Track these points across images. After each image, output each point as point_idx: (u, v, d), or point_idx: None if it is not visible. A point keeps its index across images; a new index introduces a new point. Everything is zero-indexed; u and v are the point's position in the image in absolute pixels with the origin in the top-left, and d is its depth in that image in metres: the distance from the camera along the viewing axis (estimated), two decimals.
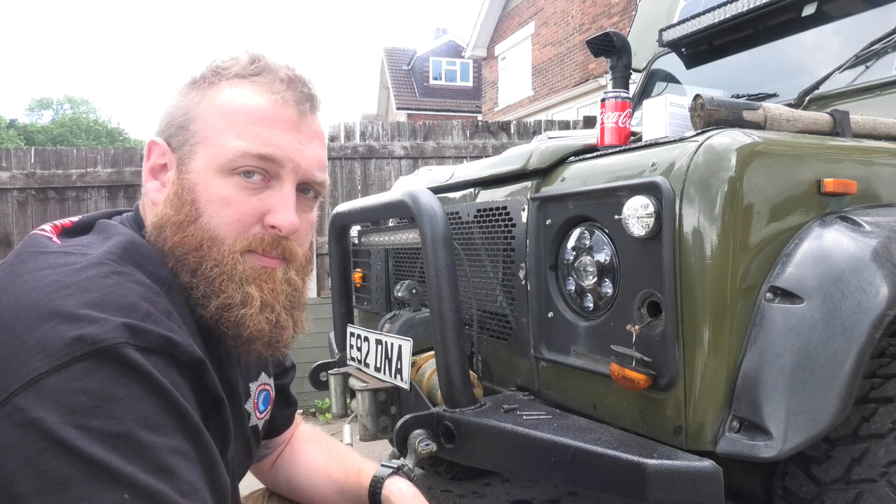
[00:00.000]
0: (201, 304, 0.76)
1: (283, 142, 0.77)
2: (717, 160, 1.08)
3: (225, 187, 0.75)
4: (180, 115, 0.79)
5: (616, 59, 1.97)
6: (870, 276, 1.05)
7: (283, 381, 1.07)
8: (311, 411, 3.93)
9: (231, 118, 0.76)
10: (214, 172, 0.76)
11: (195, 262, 0.75)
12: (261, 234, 0.77)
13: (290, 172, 0.78)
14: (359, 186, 4.75)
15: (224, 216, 0.76)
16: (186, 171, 0.77)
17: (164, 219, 0.76)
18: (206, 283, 0.75)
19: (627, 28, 2.91)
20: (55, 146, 15.29)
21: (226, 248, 0.76)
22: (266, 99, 0.77)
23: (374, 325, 1.85)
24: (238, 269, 0.76)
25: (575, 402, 1.33)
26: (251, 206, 0.76)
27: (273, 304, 0.79)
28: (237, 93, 0.78)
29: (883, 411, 1.12)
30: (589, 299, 1.29)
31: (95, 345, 0.58)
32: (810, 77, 1.86)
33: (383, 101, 25.75)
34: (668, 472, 0.98)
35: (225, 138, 0.75)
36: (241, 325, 0.76)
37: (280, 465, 1.10)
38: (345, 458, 1.08)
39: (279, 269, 0.80)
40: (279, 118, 0.77)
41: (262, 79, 0.78)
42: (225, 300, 0.75)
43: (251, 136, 0.75)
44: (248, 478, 1.13)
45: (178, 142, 0.78)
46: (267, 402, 0.98)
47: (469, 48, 17.06)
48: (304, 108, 0.80)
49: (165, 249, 0.76)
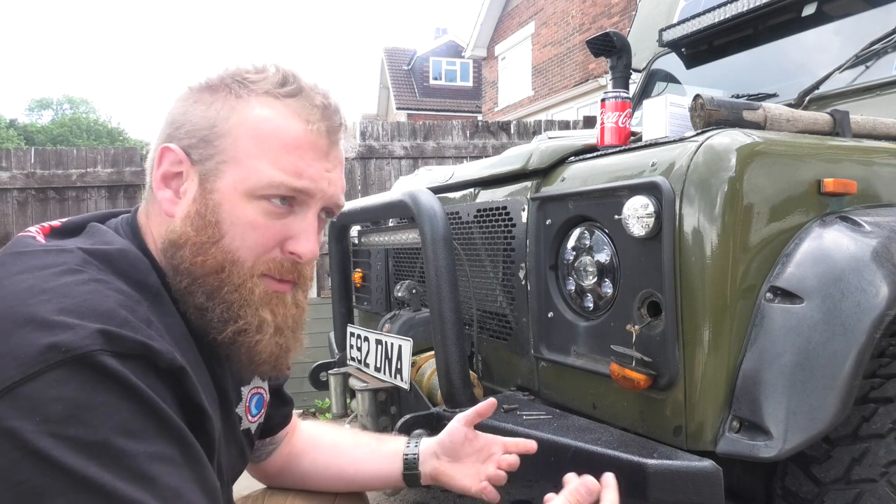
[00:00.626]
0: (217, 329, 0.75)
1: (315, 173, 0.76)
2: (717, 160, 1.08)
3: (252, 211, 0.74)
4: (204, 127, 0.76)
5: (616, 59, 1.97)
6: (870, 276, 1.05)
7: (277, 383, 1.08)
8: (311, 411, 3.93)
9: (264, 143, 0.74)
10: (242, 195, 0.74)
11: (215, 285, 0.74)
12: (280, 258, 0.77)
13: (318, 201, 0.78)
14: (359, 186, 4.75)
15: (248, 239, 0.75)
16: (211, 191, 0.74)
17: (184, 238, 0.74)
18: (223, 307, 0.75)
19: (627, 28, 2.91)
20: (55, 146, 15.31)
21: (245, 272, 0.75)
22: (301, 127, 0.76)
23: (374, 325, 1.85)
24: (256, 293, 0.76)
25: (575, 402, 1.33)
26: (275, 231, 0.76)
27: (284, 329, 0.79)
28: (270, 114, 0.75)
29: (883, 411, 1.12)
30: (589, 299, 1.29)
31: (70, 352, 0.57)
32: (810, 77, 1.85)
33: (383, 101, 25.76)
34: (668, 472, 0.98)
35: (258, 163, 0.74)
36: (253, 349, 0.77)
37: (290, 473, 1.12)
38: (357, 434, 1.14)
39: (290, 294, 0.80)
40: (313, 148, 0.76)
41: (296, 103, 0.77)
42: (242, 326, 0.75)
43: (286, 167, 0.74)
44: (248, 478, 1.13)
45: (202, 155, 0.75)
46: (260, 406, 0.98)
47: (469, 48, 17.07)
48: (335, 138, 0.79)
49: (180, 268, 0.74)
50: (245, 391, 0.94)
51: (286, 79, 0.78)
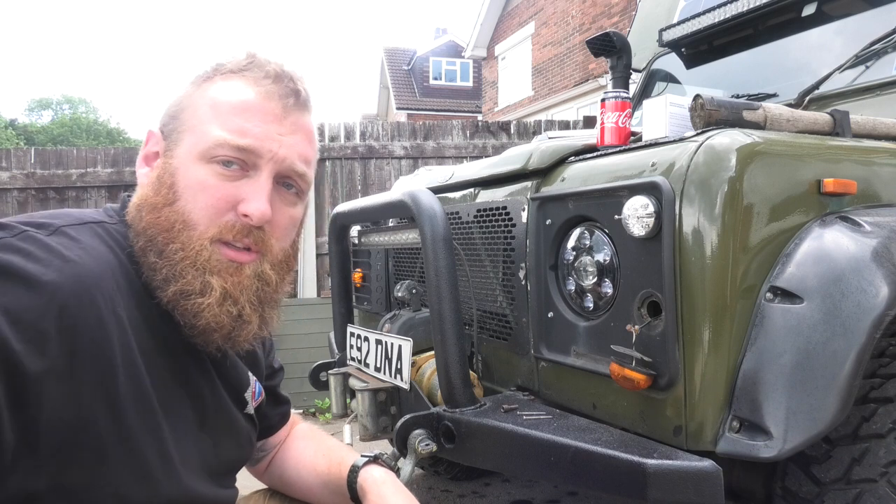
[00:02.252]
0: (161, 288, 0.75)
1: (261, 133, 0.79)
2: (717, 160, 1.08)
3: (203, 173, 0.77)
4: (174, 105, 0.83)
5: (616, 59, 1.97)
6: (870, 276, 1.05)
7: (273, 383, 1.08)
8: (311, 411, 3.93)
9: (217, 109, 0.79)
10: (195, 159, 0.78)
11: (163, 242, 0.76)
12: (233, 221, 0.78)
13: (268, 163, 0.79)
14: (359, 186, 4.75)
15: (199, 201, 0.77)
16: (171, 157, 0.80)
17: (143, 199, 0.79)
18: (168, 266, 0.76)
19: (627, 28, 2.91)
20: (55, 146, 15.32)
21: (195, 234, 0.77)
22: (251, 91, 0.80)
23: (374, 325, 1.85)
24: (203, 255, 0.76)
25: (575, 402, 1.33)
26: (225, 192, 0.78)
27: (237, 297, 0.78)
28: (227, 86, 0.81)
29: (883, 411, 1.12)
30: (589, 299, 1.29)
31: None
32: (810, 77, 1.86)
33: (383, 101, 25.76)
34: (668, 472, 0.98)
35: (208, 127, 0.78)
36: (196, 313, 0.76)
37: (274, 462, 1.11)
38: (331, 451, 1.07)
39: (250, 265, 0.80)
40: (261, 110, 0.80)
41: (250, 73, 0.81)
42: (183, 286, 0.75)
43: (232, 127, 0.78)
44: (248, 478, 1.13)
45: (169, 129, 0.82)
46: (259, 392, 1.00)
47: (469, 48, 17.06)
48: (288, 101, 0.82)
49: (139, 229, 0.77)
50: (251, 377, 0.97)
51: (248, 57, 0.84)
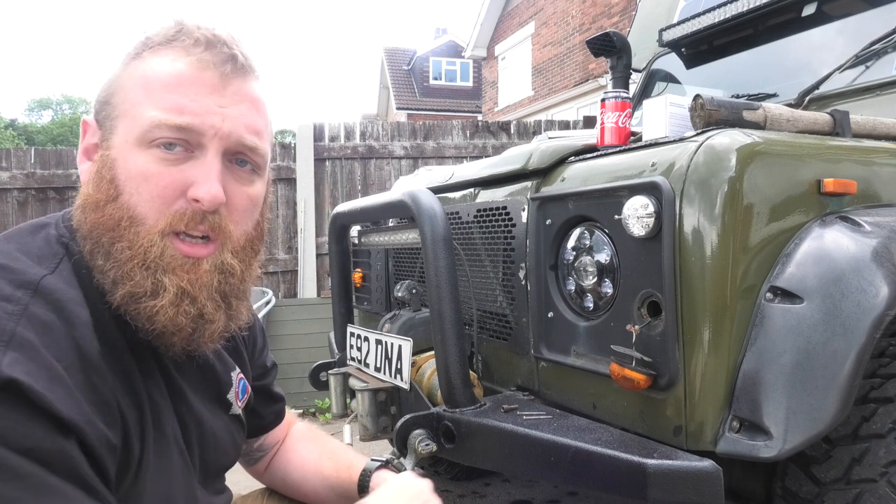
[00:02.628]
0: (110, 292, 0.69)
1: (200, 107, 0.71)
2: (717, 160, 1.08)
3: (143, 161, 0.70)
4: (104, 90, 0.75)
5: (616, 59, 1.97)
6: (870, 276, 1.05)
7: (266, 381, 1.07)
8: (311, 411, 3.93)
9: (148, 87, 0.71)
10: (133, 146, 0.70)
11: (108, 242, 0.69)
12: (183, 208, 0.71)
13: (213, 139, 0.72)
14: (359, 186, 4.75)
15: (144, 192, 0.69)
16: (107, 147, 0.72)
17: (86, 198, 0.72)
18: (116, 267, 0.69)
19: (627, 28, 2.91)
20: (55, 146, 15.29)
21: (144, 230, 0.69)
22: (183, 63, 0.71)
23: (374, 325, 1.85)
24: (153, 252, 0.69)
25: (575, 402, 1.33)
26: (171, 178, 0.70)
27: (195, 295, 0.71)
28: (156, 61, 0.72)
29: (883, 411, 1.12)
30: (589, 299, 1.29)
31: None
32: (810, 77, 1.86)
33: (383, 101, 25.76)
34: (668, 472, 0.98)
35: (141, 109, 0.70)
36: (150, 318, 0.69)
37: (275, 463, 1.10)
38: (337, 455, 1.07)
39: (208, 259, 0.73)
40: (196, 82, 0.71)
41: (179, 42, 0.73)
42: (132, 288, 0.68)
43: (167, 105, 0.70)
44: (248, 478, 1.13)
45: (103, 117, 0.74)
46: (245, 390, 0.95)
47: (469, 48, 17.06)
48: (225, 69, 0.73)
49: (84, 231, 0.71)
50: (234, 376, 0.92)
51: (175, 24, 0.75)
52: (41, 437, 0.56)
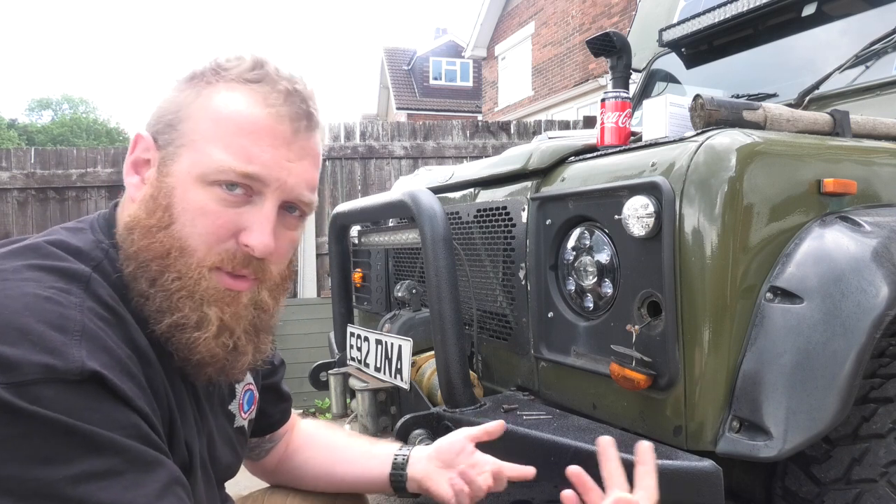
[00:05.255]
0: (154, 319, 0.71)
1: (269, 159, 0.72)
2: (718, 160, 1.08)
3: (204, 197, 0.71)
4: (170, 112, 0.75)
5: (616, 59, 1.97)
6: (870, 276, 1.05)
7: (274, 379, 1.07)
8: (311, 411, 3.93)
9: (220, 126, 0.72)
10: (195, 180, 0.71)
11: (157, 270, 0.70)
12: (233, 250, 0.73)
13: (275, 191, 0.74)
14: (359, 186, 4.75)
15: (199, 226, 0.71)
16: (167, 174, 0.73)
17: (135, 220, 0.73)
18: (163, 295, 0.70)
19: (627, 28, 2.91)
20: (55, 146, 15.30)
21: (194, 261, 0.71)
22: (260, 110, 0.73)
23: (374, 325, 1.85)
24: (201, 285, 0.71)
25: (575, 402, 1.33)
26: (228, 219, 0.72)
27: (233, 329, 0.74)
28: (231, 98, 0.73)
29: (883, 411, 1.12)
30: (589, 299, 1.29)
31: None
32: (810, 77, 1.85)
33: (383, 101, 25.76)
34: (668, 472, 0.98)
35: (211, 147, 0.71)
36: (191, 348, 0.72)
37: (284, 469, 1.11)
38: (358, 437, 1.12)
39: (247, 293, 0.76)
40: (270, 133, 0.73)
41: (259, 87, 0.74)
42: (179, 319, 0.71)
43: (237, 151, 0.71)
44: (248, 478, 1.13)
45: (165, 140, 0.74)
46: (251, 402, 0.97)
47: (469, 48, 17.06)
48: (299, 125, 0.75)
49: (130, 252, 0.72)
50: (239, 388, 0.93)
51: (255, 64, 0.76)
52: (127, 422, 0.62)
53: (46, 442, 0.56)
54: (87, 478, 0.57)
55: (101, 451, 0.59)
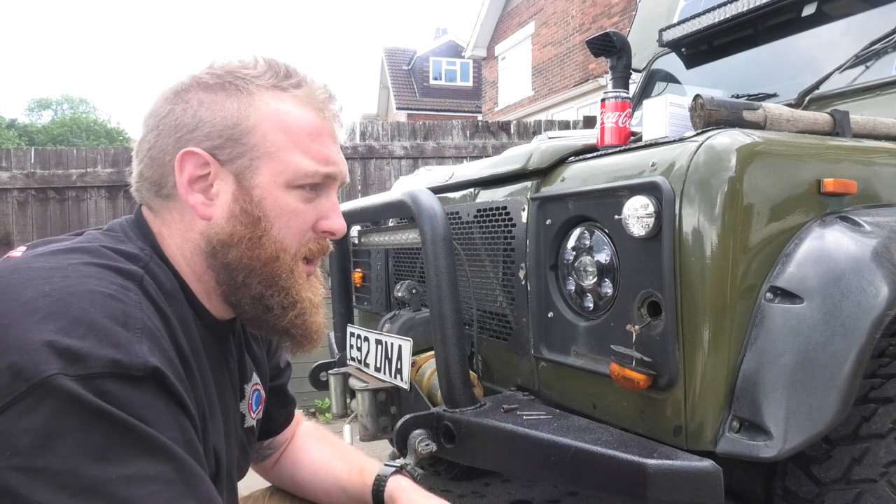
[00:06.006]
0: (276, 315, 0.80)
1: (337, 157, 0.82)
2: (718, 160, 1.08)
3: (293, 200, 0.79)
4: (227, 126, 0.76)
5: (616, 59, 1.97)
6: (870, 276, 1.05)
7: (281, 381, 1.07)
8: (311, 411, 3.93)
9: (291, 134, 0.78)
10: (282, 187, 0.78)
11: (272, 273, 0.78)
12: (313, 238, 0.83)
13: (337, 182, 0.84)
14: (359, 186, 4.75)
15: (292, 227, 0.80)
16: (252, 187, 0.77)
17: (236, 236, 0.77)
18: (283, 294, 0.79)
19: (627, 28, 2.91)
20: (55, 146, 15.32)
21: (291, 257, 0.80)
22: (313, 115, 0.81)
23: (374, 325, 1.85)
24: (302, 276, 0.82)
25: (575, 402, 1.33)
26: (311, 214, 0.81)
27: (322, 306, 0.86)
28: (287, 107, 0.79)
29: (883, 411, 1.12)
30: (589, 299, 1.29)
31: (30, 380, 0.55)
32: (810, 77, 1.86)
33: (383, 101, 25.76)
34: (668, 472, 0.98)
35: (292, 156, 0.78)
36: (310, 329, 0.83)
37: (284, 461, 1.11)
38: (348, 456, 1.08)
39: (313, 275, 0.86)
40: (329, 133, 0.82)
41: (304, 94, 0.81)
42: (301, 309, 0.81)
43: (315, 155, 0.79)
44: (248, 477, 1.13)
45: (231, 154, 0.76)
46: (259, 402, 0.98)
47: (469, 48, 17.06)
48: (339, 122, 0.85)
49: (235, 264, 0.77)
50: (248, 388, 0.94)
51: (287, 72, 0.82)
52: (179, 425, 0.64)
53: (105, 438, 0.57)
54: (140, 480, 0.57)
55: (155, 454, 0.59)
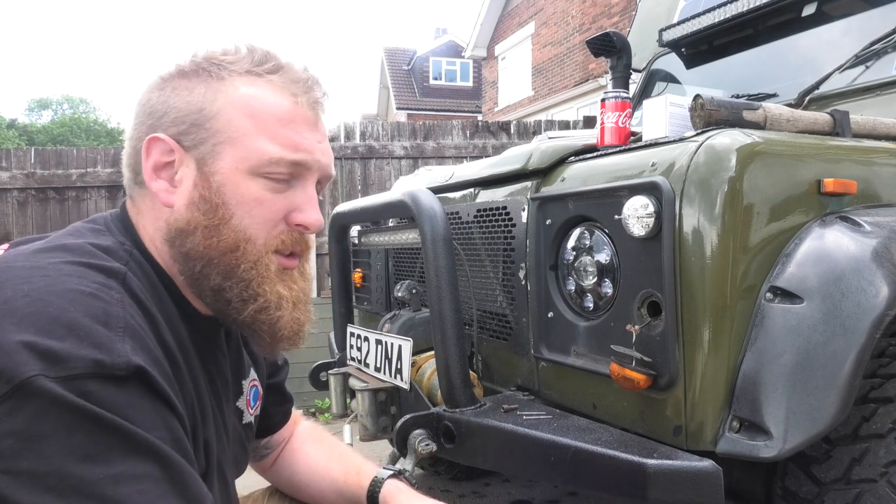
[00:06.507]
0: (235, 309, 0.76)
1: (309, 145, 0.77)
2: (718, 160, 1.08)
3: (256, 188, 0.75)
4: (192, 112, 0.75)
5: (616, 59, 1.97)
6: (870, 276, 1.05)
7: (278, 379, 1.07)
8: (311, 411, 3.93)
9: (258, 119, 0.75)
10: (244, 174, 0.74)
11: (230, 263, 0.75)
12: (285, 231, 0.78)
13: (314, 172, 0.79)
14: (359, 186, 4.75)
15: (256, 216, 0.76)
16: (212, 173, 0.74)
17: (193, 223, 0.74)
18: (242, 285, 0.75)
19: (627, 28, 2.91)
20: (55, 146, 15.32)
21: (258, 249, 0.76)
22: (287, 100, 0.77)
23: (374, 325, 1.85)
24: (270, 269, 0.77)
25: (575, 402, 1.33)
26: (280, 205, 0.77)
27: (299, 303, 0.81)
28: (257, 92, 0.76)
29: (883, 411, 1.12)
30: (589, 299, 1.29)
31: (10, 381, 0.54)
32: (810, 77, 1.86)
33: (383, 101, 25.75)
34: (668, 472, 0.98)
35: (257, 141, 0.74)
36: (275, 326, 0.77)
37: (282, 462, 1.10)
38: (345, 458, 1.08)
39: (296, 269, 0.82)
40: (303, 120, 0.77)
41: (279, 79, 0.77)
42: (262, 304, 0.76)
43: (284, 142, 0.75)
44: (248, 477, 1.13)
45: (194, 140, 0.75)
46: (256, 398, 0.97)
47: (469, 48, 17.06)
48: (319, 109, 0.80)
49: (192, 253, 0.74)
50: (245, 384, 0.94)
51: (264, 57, 0.79)
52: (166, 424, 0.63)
53: (90, 438, 0.56)
54: (128, 479, 0.57)
55: (142, 453, 0.59)
